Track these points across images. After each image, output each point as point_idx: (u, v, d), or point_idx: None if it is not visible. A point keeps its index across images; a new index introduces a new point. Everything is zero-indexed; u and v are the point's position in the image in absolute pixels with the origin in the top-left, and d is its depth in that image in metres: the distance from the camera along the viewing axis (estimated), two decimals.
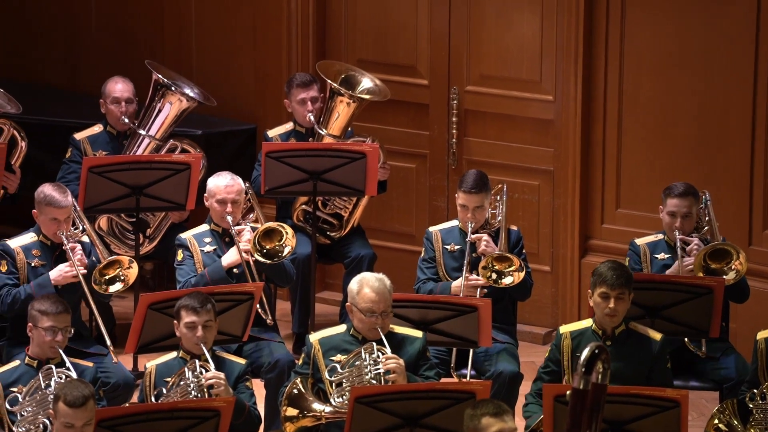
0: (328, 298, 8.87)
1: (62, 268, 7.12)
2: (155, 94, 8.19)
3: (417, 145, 8.77)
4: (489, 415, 5.51)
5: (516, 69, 8.47)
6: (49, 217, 7.19)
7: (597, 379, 4.35)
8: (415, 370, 6.57)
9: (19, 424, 6.23)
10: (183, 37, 9.11)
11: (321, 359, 6.55)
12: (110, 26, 9.28)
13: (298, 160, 7.82)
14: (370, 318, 6.54)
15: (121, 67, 8.69)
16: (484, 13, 8.50)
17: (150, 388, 6.45)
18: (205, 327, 6.48)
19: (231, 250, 7.34)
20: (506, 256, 7.27)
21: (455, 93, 8.63)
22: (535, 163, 8.54)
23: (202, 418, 6.04)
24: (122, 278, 7.18)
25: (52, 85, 9.34)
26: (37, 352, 6.45)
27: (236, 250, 7.29)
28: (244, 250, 7.27)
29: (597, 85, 8.35)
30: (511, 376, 7.07)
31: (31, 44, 9.43)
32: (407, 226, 8.83)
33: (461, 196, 7.39)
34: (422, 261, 7.48)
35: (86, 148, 8.18)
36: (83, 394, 5.86)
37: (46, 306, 6.43)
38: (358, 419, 6.07)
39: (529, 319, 8.51)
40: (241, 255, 7.26)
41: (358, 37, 8.76)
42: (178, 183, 7.77)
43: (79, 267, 7.07)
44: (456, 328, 6.89)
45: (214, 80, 8.93)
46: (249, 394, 6.56)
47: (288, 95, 8.31)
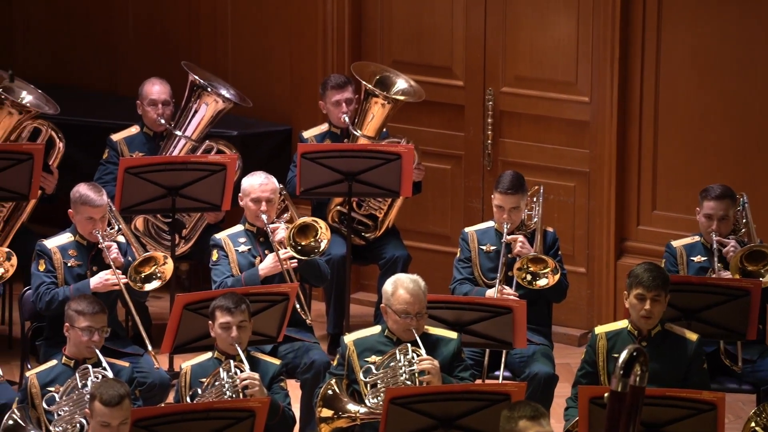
0: (363, 299, 8.87)
1: (103, 276, 7.14)
2: (191, 95, 8.22)
3: (452, 147, 8.77)
4: (526, 418, 5.50)
5: (552, 70, 8.45)
6: (84, 216, 7.22)
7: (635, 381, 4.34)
8: (449, 372, 6.56)
9: (56, 424, 6.26)
10: (219, 39, 9.14)
11: (356, 360, 6.55)
12: (147, 29, 9.32)
13: (333, 161, 7.83)
14: (404, 319, 6.54)
15: (157, 69, 8.72)
16: (519, 14, 8.48)
17: (185, 388, 6.47)
18: (240, 327, 6.50)
19: (268, 258, 7.34)
20: (541, 257, 7.25)
21: (490, 94, 8.62)
22: (570, 165, 8.52)
23: (237, 419, 6.05)
24: (158, 275, 7.21)
25: (90, 87, 9.39)
26: (73, 352, 6.48)
27: (273, 258, 7.29)
28: (284, 259, 7.26)
29: (633, 86, 8.32)
30: (546, 377, 7.06)
31: (70, 47, 9.48)
32: (442, 228, 8.82)
33: (497, 196, 7.38)
34: (458, 261, 7.47)
35: (123, 149, 8.22)
36: (119, 393, 5.89)
37: (83, 306, 6.46)
38: (393, 420, 6.07)
39: (565, 321, 8.49)
40: (281, 264, 7.26)
41: (394, 39, 8.76)
42: (213, 184, 7.79)
43: (118, 273, 7.08)
44: (491, 330, 6.88)
45: (250, 82, 8.95)
46: (284, 395, 6.57)
47: (323, 97, 8.32)
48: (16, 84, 8.17)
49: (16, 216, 8.16)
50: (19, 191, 7.88)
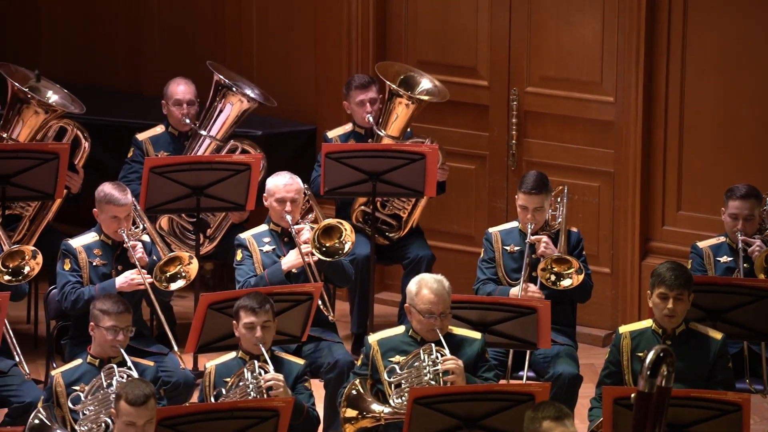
0: (387, 299, 8.87)
1: (128, 275, 7.16)
2: (216, 94, 8.23)
3: (476, 146, 8.76)
4: (550, 419, 5.49)
5: (576, 70, 8.44)
6: (109, 215, 7.24)
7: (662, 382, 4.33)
8: (474, 372, 6.56)
9: (82, 423, 6.28)
10: (244, 39, 9.15)
11: (380, 360, 6.56)
12: (172, 29, 9.34)
13: (357, 161, 7.84)
14: (428, 319, 6.54)
15: (182, 69, 8.74)
16: (544, 14, 8.47)
17: (209, 387, 6.48)
18: (264, 327, 6.50)
19: (291, 252, 7.35)
20: (565, 258, 7.24)
21: (515, 94, 8.61)
22: (595, 165, 8.50)
23: (261, 418, 6.06)
24: (183, 275, 7.22)
25: (115, 86, 9.41)
26: (98, 351, 6.50)
27: (296, 253, 7.31)
28: (305, 253, 7.27)
29: (658, 86, 8.30)
30: (571, 378, 7.05)
31: (96, 47, 9.51)
32: (466, 227, 8.82)
33: (521, 196, 7.37)
34: (482, 261, 7.47)
35: (148, 148, 8.24)
36: (144, 393, 5.90)
37: (108, 306, 6.47)
38: (417, 420, 6.07)
39: (589, 321, 8.47)
40: (303, 258, 7.27)
41: (418, 39, 8.76)
42: (238, 183, 7.80)
43: (143, 272, 7.10)
44: (515, 330, 6.87)
45: (275, 82, 8.96)
46: (308, 395, 6.58)
47: (347, 97, 8.33)
48: (42, 83, 8.21)
49: (41, 215, 8.19)
50: (45, 191, 7.91)
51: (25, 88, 8.07)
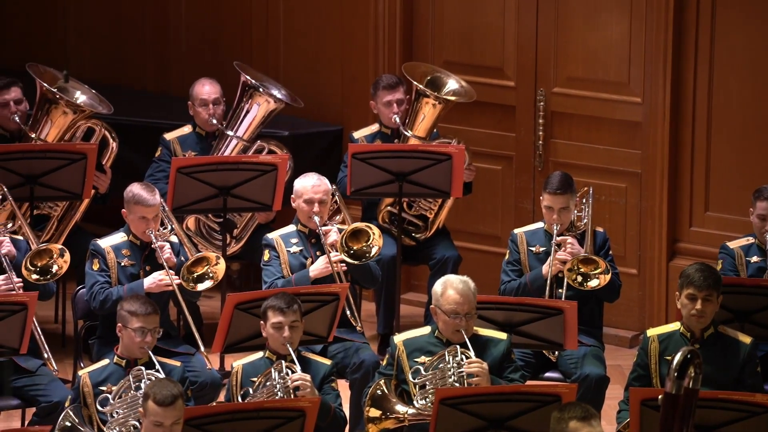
0: (413, 299, 8.87)
1: (156, 276, 7.18)
2: (243, 95, 8.25)
3: (503, 147, 8.75)
4: (576, 419, 5.48)
5: (603, 71, 8.42)
6: (137, 215, 7.26)
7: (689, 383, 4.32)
8: (499, 373, 6.55)
9: (111, 426, 6.30)
10: (270, 40, 9.17)
11: (405, 361, 6.56)
12: (199, 29, 9.36)
13: (383, 162, 7.84)
14: (454, 320, 6.54)
15: (209, 69, 8.77)
16: (571, 14, 8.45)
17: (237, 387, 6.49)
18: (292, 327, 6.51)
19: (319, 260, 7.34)
20: (592, 258, 7.22)
21: (542, 95, 8.60)
22: (622, 166, 8.48)
23: (287, 418, 6.07)
24: (211, 275, 7.24)
25: (143, 87, 9.44)
26: (125, 352, 6.51)
27: (324, 261, 7.30)
28: (334, 262, 7.26)
29: (686, 87, 8.27)
30: (597, 379, 7.03)
31: (124, 47, 9.54)
32: (492, 228, 8.81)
33: (546, 197, 7.36)
34: (507, 263, 7.46)
35: (176, 148, 8.27)
36: (172, 393, 5.92)
37: (136, 307, 6.49)
38: (443, 421, 6.07)
39: (616, 322, 8.46)
40: (332, 267, 7.27)
41: (445, 39, 8.76)
42: (264, 184, 7.82)
43: (171, 273, 7.12)
44: (541, 331, 6.86)
45: (301, 82, 8.97)
46: (334, 395, 6.58)
47: (374, 97, 8.33)
48: (70, 84, 8.24)
49: (69, 215, 8.22)
50: (73, 191, 7.94)
51: (53, 89, 8.10)
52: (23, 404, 6.99)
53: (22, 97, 8.18)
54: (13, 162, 7.82)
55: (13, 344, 6.72)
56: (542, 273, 7.24)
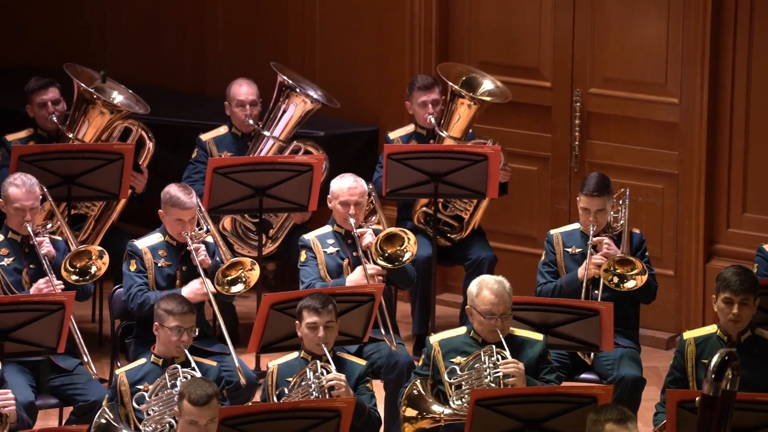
0: (449, 300, 8.87)
1: (194, 286, 7.20)
2: (280, 95, 8.26)
3: (539, 148, 8.73)
4: (612, 421, 5.47)
5: (640, 71, 8.39)
6: (174, 217, 7.29)
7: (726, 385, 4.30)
8: (535, 374, 6.54)
9: (146, 423, 6.33)
10: (307, 40, 9.18)
11: (441, 361, 6.56)
12: (236, 29, 9.39)
13: (419, 162, 7.84)
14: (489, 320, 6.53)
15: (245, 70, 8.79)
16: (608, 14, 8.43)
17: (272, 387, 6.51)
18: (327, 328, 6.52)
19: (357, 271, 7.33)
20: (628, 259, 7.20)
21: (578, 95, 8.57)
22: (658, 167, 8.45)
23: (323, 419, 6.07)
24: (244, 280, 7.25)
25: (179, 87, 9.48)
26: (162, 351, 6.54)
27: (361, 273, 7.29)
28: (371, 275, 7.26)
29: (724, 87, 8.23)
30: (634, 380, 7.01)
31: (160, 48, 9.57)
32: (528, 229, 8.79)
33: (583, 199, 7.34)
34: (543, 265, 7.44)
35: (212, 149, 8.29)
36: (207, 393, 5.93)
37: (172, 306, 6.52)
38: (478, 421, 6.06)
39: (652, 324, 8.42)
40: (367, 279, 7.27)
41: (481, 39, 8.75)
42: (300, 184, 7.83)
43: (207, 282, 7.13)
44: (577, 332, 6.84)
45: (337, 83, 8.98)
46: (369, 396, 6.59)
47: (409, 98, 8.33)
48: (107, 84, 8.28)
49: (106, 215, 8.26)
50: (110, 191, 7.98)
51: (90, 89, 8.14)
52: (61, 403, 7.03)
53: (60, 97, 8.23)
54: (51, 162, 7.86)
55: (50, 343, 6.76)
56: (578, 276, 7.22)
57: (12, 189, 7.19)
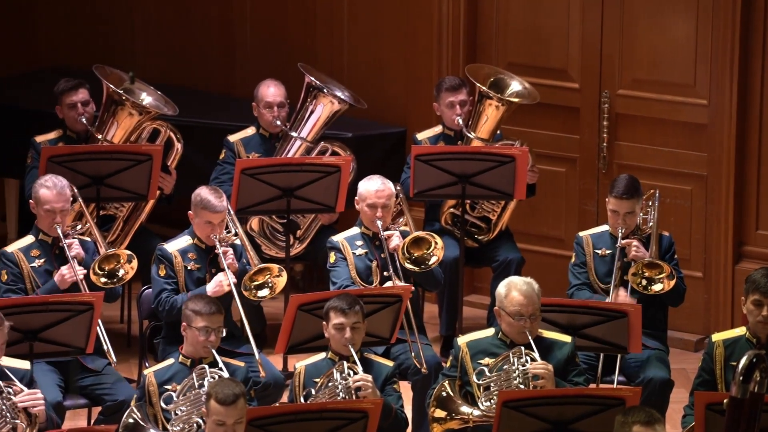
0: (476, 301, 8.86)
1: (217, 280, 7.20)
2: (307, 96, 8.27)
3: (567, 149, 8.72)
4: (640, 423, 5.46)
5: (669, 73, 8.36)
6: (203, 219, 7.30)
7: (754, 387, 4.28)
8: (563, 376, 6.53)
9: (174, 423, 6.34)
10: (335, 41, 9.19)
11: (469, 362, 6.55)
12: (264, 31, 9.40)
13: (446, 164, 7.83)
14: (518, 321, 6.52)
15: (273, 71, 8.80)
16: (637, 15, 8.41)
17: (299, 388, 6.52)
18: (354, 329, 6.52)
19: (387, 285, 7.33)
20: (657, 262, 7.18)
21: (606, 96, 8.55)
22: (687, 168, 8.42)
23: (350, 419, 6.08)
24: (270, 285, 7.26)
25: (207, 88, 9.50)
26: (190, 351, 6.56)
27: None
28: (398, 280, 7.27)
29: (753, 88, 8.20)
30: (662, 383, 6.99)
31: (189, 49, 9.60)
32: (556, 230, 8.78)
33: (612, 201, 7.32)
34: (573, 266, 7.43)
35: (239, 150, 8.30)
36: (234, 393, 5.95)
37: (200, 306, 6.53)
38: (506, 423, 6.06)
39: (681, 326, 8.40)
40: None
41: (509, 41, 8.74)
42: (328, 185, 7.84)
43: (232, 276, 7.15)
44: (605, 334, 6.83)
45: (365, 84, 8.99)
46: (396, 397, 6.59)
47: (437, 99, 8.33)
48: (136, 85, 8.31)
49: (135, 216, 8.28)
50: (139, 191, 8.01)
51: (119, 90, 8.17)
52: (89, 403, 7.06)
53: (90, 98, 8.26)
54: (80, 163, 7.89)
55: (79, 344, 6.78)
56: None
57: (43, 191, 7.23)
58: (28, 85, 9.40)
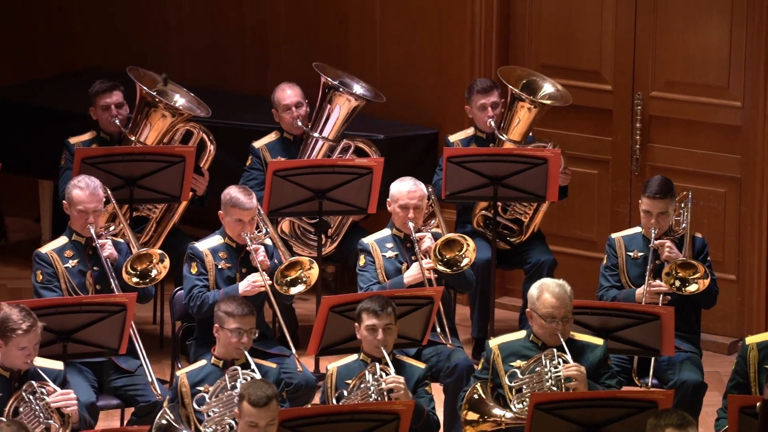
0: (508, 303, 8.85)
1: (250, 279, 7.23)
2: (324, 96, 8.28)
3: (599, 151, 8.69)
4: (673, 427, 5.44)
5: (703, 75, 8.33)
6: (234, 218, 7.33)
7: None
8: (596, 378, 6.51)
9: (207, 424, 6.36)
10: (367, 43, 9.20)
11: (500, 364, 6.54)
12: (297, 33, 9.41)
13: (478, 165, 7.83)
14: (550, 324, 6.51)
15: (306, 73, 8.80)
16: (670, 17, 8.37)
17: (331, 389, 6.53)
18: (386, 330, 6.53)
19: (413, 266, 7.35)
20: (690, 263, 7.15)
21: (639, 98, 8.53)
22: (721, 170, 8.39)
23: (382, 421, 6.08)
24: (304, 280, 7.27)
25: (240, 90, 9.52)
26: (222, 353, 6.58)
27: (418, 268, 7.30)
28: (427, 269, 7.27)
29: None
30: (695, 385, 6.96)
31: (223, 51, 9.62)
32: (588, 233, 8.75)
33: (645, 201, 7.30)
34: (605, 268, 7.41)
35: (265, 155, 8.31)
36: (267, 394, 5.96)
37: (233, 308, 6.55)
38: (538, 425, 6.05)
39: (714, 328, 8.36)
40: (423, 274, 7.27)
41: (542, 42, 8.72)
42: (360, 187, 7.84)
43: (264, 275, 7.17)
44: (638, 336, 6.81)
45: (397, 85, 8.99)
46: (428, 399, 6.59)
47: (468, 101, 8.32)
48: (169, 87, 8.34)
49: (168, 217, 8.31)
50: (171, 193, 8.03)
51: (152, 92, 8.20)
52: (122, 404, 7.09)
53: (123, 100, 8.29)
54: (114, 165, 7.93)
55: (112, 344, 6.81)
56: (635, 297, 7.16)
57: (76, 191, 7.26)
58: (62, 87, 9.45)
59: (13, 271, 9.12)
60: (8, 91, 9.39)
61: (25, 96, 9.27)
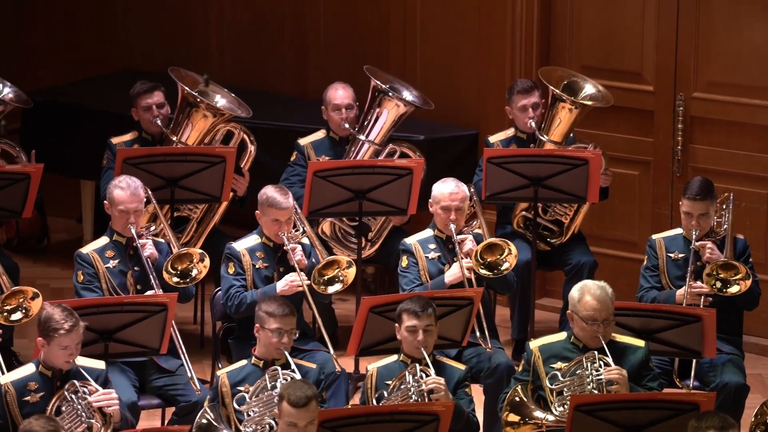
0: (548, 305, 8.82)
1: (288, 278, 7.24)
2: (374, 100, 8.28)
3: (640, 152, 8.66)
4: (714, 429, 5.41)
5: (746, 75, 8.28)
6: (270, 218, 7.34)
7: None
8: (637, 381, 6.48)
9: (247, 424, 6.38)
10: (408, 44, 9.20)
11: (541, 366, 6.53)
12: (337, 34, 9.43)
13: (519, 166, 7.81)
14: (591, 326, 6.49)
15: (346, 74, 8.82)
16: (713, 17, 8.33)
17: (371, 390, 6.53)
18: (426, 331, 6.53)
19: (454, 266, 7.34)
20: (732, 263, 7.11)
21: (681, 99, 8.49)
22: (763, 172, 8.33)
23: (421, 422, 6.08)
24: (341, 279, 7.28)
25: (281, 90, 9.54)
26: (263, 353, 6.59)
27: (459, 267, 7.30)
28: (467, 267, 7.26)
29: None
30: (737, 388, 6.92)
31: (263, 52, 9.65)
32: (629, 234, 8.72)
33: (686, 202, 7.26)
34: (645, 269, 7.38)
35: (310, 153, 8.33)
36: (306, 395, 5.97)
37: (273, 308, 6.56)
38: (578, 427, 6.03)
39: (756, 330, 8.31)
40: (464, 273, 7.27)
41: (583, 43, 8.69)
42: (400, 188, 7.84)
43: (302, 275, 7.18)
44: (679, 338, 6.78)
45: (438, 86, 8.99)
46: (468, 400, 6.58)
47: (509, 102, 8.30)
48: (210, 88, 8.37)
49: (208, 217, 8.34)
50: (212, 193, 8.06)
51: (194, 92, 8.23)
52: (163, 404, 7.12)
53: (165, 101, 8.33)
54: (155, 165, 7.96)
55: (153, 344, 6.84)
56: (675, 298, 7.13)
57: (117, 192, 7.29)
58: (104, 87, 9.50)
59: (55, 272, 9.18)
60: (50, 92, 9.45)
61: (66, 97, 9.33)
